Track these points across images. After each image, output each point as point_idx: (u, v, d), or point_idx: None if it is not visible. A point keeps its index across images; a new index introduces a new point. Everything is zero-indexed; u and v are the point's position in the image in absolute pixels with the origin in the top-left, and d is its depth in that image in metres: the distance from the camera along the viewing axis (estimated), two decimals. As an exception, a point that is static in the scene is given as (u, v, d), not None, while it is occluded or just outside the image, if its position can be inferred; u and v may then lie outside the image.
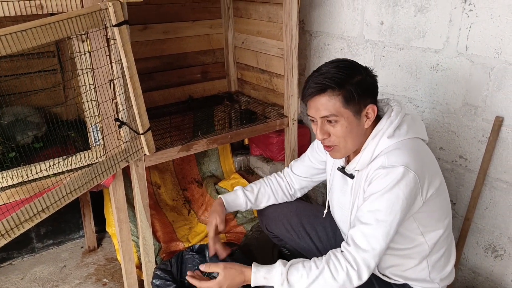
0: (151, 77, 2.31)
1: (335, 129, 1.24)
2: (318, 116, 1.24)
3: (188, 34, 2.38)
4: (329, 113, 1.21)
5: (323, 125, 1.25)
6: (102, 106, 1.51)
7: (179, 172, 2.50)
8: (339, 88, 1.19)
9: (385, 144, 1.24)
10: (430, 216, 1.28)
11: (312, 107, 1.25)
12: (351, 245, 1.20)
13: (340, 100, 1.20)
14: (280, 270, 1.22)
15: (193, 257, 1.91)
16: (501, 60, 1.55)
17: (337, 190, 1.45)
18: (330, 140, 1.26)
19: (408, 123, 1.28)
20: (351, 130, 1.23)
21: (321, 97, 1.21)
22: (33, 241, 2.26)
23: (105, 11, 1.39)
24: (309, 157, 1.61)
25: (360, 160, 1.28)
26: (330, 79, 1.20)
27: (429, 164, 1.26)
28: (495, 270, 1.76)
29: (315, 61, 2.38)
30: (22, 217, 1.27)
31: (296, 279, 1.20)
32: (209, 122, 2.31)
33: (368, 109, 1.24)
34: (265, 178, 1.68)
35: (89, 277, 2.12)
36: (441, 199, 1.30)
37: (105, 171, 1.53)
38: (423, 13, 1.77)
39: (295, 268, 1.22)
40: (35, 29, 1.19)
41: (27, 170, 1.39)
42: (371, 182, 1.22)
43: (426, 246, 1.30)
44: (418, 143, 1.28)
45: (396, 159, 1.19)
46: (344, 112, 1.21)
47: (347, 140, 1.25)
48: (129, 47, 1.46)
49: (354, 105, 1.21)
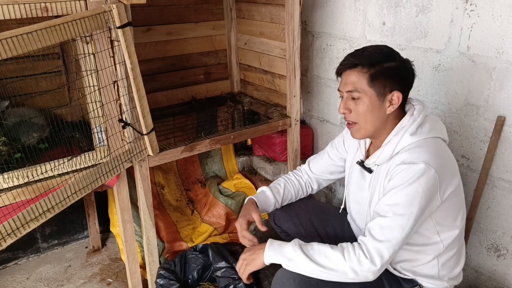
0: (155, 78, 2.32)
1: (356, 106, 1.27)
2: (344, 90, 1.29)
3: (191, 36, 2.39)
4: (353, 88, 1.26)
5: (347, 100, 1.29)
6: (106, 107, 1.52)
7: (182, 172, 2.51)
8: (368, 67, 1.24)
9: (407, 141, 1.26)
10: (447, 215, 1.30)
11: (342, 82, 1.31)
12: (367, 236, 1.22)
13: (366, 78, 1.24)
14: (295, 240, 1.27)
15: (196, 256, 1.92)
16: (503, 60, 1.55)
17: (354, 186, 1.47)
18: (351, 116, 1.30)
19: (430, 122, 1.30)
20: (372, 111, 1.26)
21: (351, 72, 1.26)
22: (38, 241, 2.28)
23: (109, 13, 1.40)
24: (329, 154, 1.62)
25: (381, 155, 1.30)
26: (364, 57, 1.25)
27: (449, 164, 1.28)
28: (497, 270, 1.76)
29: (317, 61, 2.39)
30: (27, 217, 1.29)
31: (308, 247, 1.24)
32: (212, 123, 2.33)
33: (393, 95, 1.26)
34: (286, 178, 1.66)
35: (93, 277, 2.14)
36: (458, 199, 1.32)
37: (109, 171, 1.54)
38: (424, 13, 1.77)
39: (309, 244, 1.26)
40: (40, 31, 1.20)
41: (33, 170, 1.41)
42: (392, 178, 1.24)
43: (441, 245, 1.32)
44: (439, 142, 1.30)
45: (418, 156, 1.21)
46: (368, 90, 1.25)
47: (366, 119, 1.27)
48: (132, 49, 1.47)
49: (379, 87, 1.24)
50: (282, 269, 1.30)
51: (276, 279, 1.31)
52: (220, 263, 1.83)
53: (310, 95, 2.51)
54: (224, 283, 1.77)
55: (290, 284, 1.25)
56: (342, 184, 2.44)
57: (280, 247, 1.27)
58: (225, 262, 1.83)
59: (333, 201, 2.52)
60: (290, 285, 1.25)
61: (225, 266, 1.82)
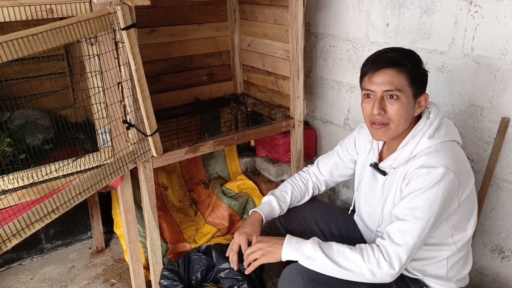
0: (159, 79, 2.33)
1: (393, 106, 1.25)
2: (381, 89, 1.24)
3: (195, 37, 2.40)
4: (394, 87, 1.23)
5: (382, 100, 1.25)
6: (110, 108, 1.53)
7: (186, 173, 2.52)
8: (411, 66, 1.23)
9: (425, 144, 1.26)
10: (461, 218, 1.30)
11: (374, 81, 1.25)
12: (386, 239, 1.22)
13: (407, 78, 1.23)
14: (314, 238, 1.27)
15: (200, 257, 1.93)
16: (507, 61, 1.55)
17: (365, 187, 1.47)
18: (385, 116, 1.26)
19: (446, 125, 1.31)
20: (407, 112, 1.25)
21: (392, 70, 1.23)
22: (42, 242, 2.28)
23: (113, 14, 1.41)
24: (339, 155, 1.61)
25: (398, 158, 1.30)
26: (404, 57, 1.24)
27: (465, 167, 1.29)
28: (502, 271, 1.76)
29: (321, 63, 2.39)
30: (32, 218, 1.30)
31: (327, 247, 1.24)
32: (216, 124, 2.33)
33: (422, 97, 1.27)
34: (293, 184, 1.63)
35: (97, 278, 2.14)
36: (472, 202, 1.33)
37: (113, 172, 1.55)
38: (428, 14, 1.77)
39: (327, 243, 1.26)
40: (45, 33, 1.21)
41: (37, 171, 1.41)
42: (410, 181, 1.24)
43: (454, 246, 1.32)
44: (455, 146, 1.30)
45: (437, 159, 1.21)
46: (407, 91, 1.24)
47: (401, 120, 1.26)
48: (137, 50, 1.48)
49: (417, 88, 1.25)
50: (290, 266, 1.30)
51: (284, 276, 1.30)
52: (224, 264, 1.83)
53: (314, 96, 2.51)
54: (227, 284, 1.77)
55: (298, 281, 1.25)
56: (345, 185, 2.44)
57: (298, 244, 1.27)
58: (228, 263, 1.83)
59: (336, 202, 2.52)
60: (298, 282, 1.25)
61: (229, 267, 1.82)
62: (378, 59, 1.26)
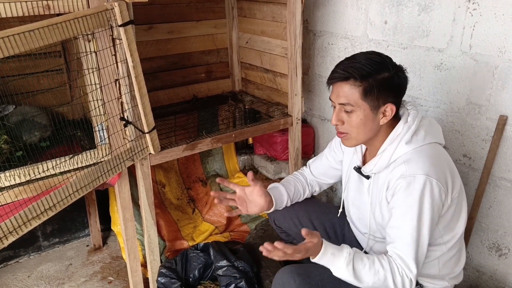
0: (156, 76, 2.32)
1: (350, 118, 1.26)
2: (336, 102, 1.27)
3: (193, 34, 2.39)
4: (347, 101, 1.24)
5: (340, 112, 1.27)
6: (107, 105, 1.52)
7: (183, 171, 2.51)
8: (361, 80, 1.21)
9: (403, 150, 1.25)
10: (451, 219, 1.30)
11: (333, 92, 1.28)
12: (398, 259, 1.22)
13: (359, 92, 1.22)
14: (348, 251, 1.23)
15: (197, 255, 1.92)
16: (505, 59, 1.55)
17: (353, 189, 1.47)
18: (343, 127, 1.28)
19: (425, 128, 1.29)
20: (365, 123, 1.25)
21: (343, 84, 1.24)
22: (39, 240, 2.28)
23: (111, 11, 1.40)
24: (327, 157, 1.62)
25: (378, 164, 1.30)
26: (356, 69, 1.22)
27: (449, 168, 1.27)
28: (499, 269, 1.76)
29: (319, 60, 2.39)
30: (29, 215, 1.29)
31: (360, 267, 1.22)
32: (214, 121, 2.32)
33: (386, 107, 1.24)
34: (295, 177, 1.64)
35: (94, 275, 2.14)
36: (461, 200, 1.33)
37: (110, 169, 1.54)
38: (427, 12, 1.77)
39: (359, 256, 1.24)
40: (42, 29, 1.20)
41: (34, 168, 1.41)
42: (394, 194, 1.24)
43: (444, 247, 1.32)
44: (436, 147, 1.29)
45: (416, 167, 1.21)
46: (362, 104, 1.23)
47: (359, 131, 1.27)
48: (134, 47, 1.47)
49: (373, 100, 1.23)
50: (282, 270, 1.29)
51: (277, 279, 1.30)
52: (221, 262, 1.83)
53: (312, 94, 2.51)
54: (225, 282, 1.77)
55: (291, 284, 1.25)
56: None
57: (333, 257, 1.23)
58: (226, 261, 1.83)
59: (334, 200, 2.52)
60: (291, 285, 1.25)
61: (226, 265, 1.82)
62: (334, 70, 1.27)
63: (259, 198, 1.48)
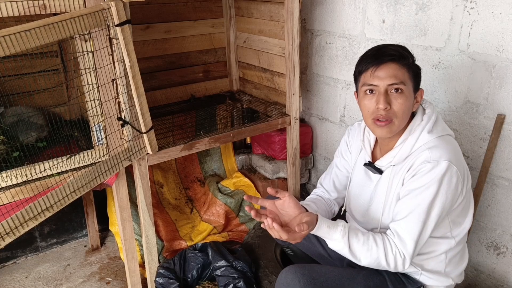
0: (154, 76, 2.32)
1: (397, 100, 1.23)
2: (385, 83, 1.23)
3: (190, 34, 2.39)
4: (399, 80, 1.22)
5: (387, 95, 1.24)
6: (105, 105, 1.52)
7: (181, 171, 2.51)
8: (407, 60, 1.24)
9: (425, 139, 1.26)
10: (460, 213, 1.31)
11: (378, 75, 1.24)
12: (396, 237, 1.23)
13: (408, 71, 1.24)
14: (343, 224, 1.25)
15: (196, 255, 1.92)
16: (503, 58, 1.55)
17: (357, 187, 1.47)
18: (390, 111, 1.24)
19: (441, 120, 1.32)
20: (409, 106, 1.26)
21: (395, 64, 1.23)
22: (37, 240, 2.27)
23: (107, 10, 1.39)
24: (337, 167, 1.58)
25: (398, 155, 1.29)
26: (399, 52, 1.24)
27: (464, 162, 1.29)
28: (497, 268, 1.76)
29: (317, 59, 2.38)
30: (26, 216, 1.28)
31: (355, 241, 1.23)
32: (211, 121, 2.32)
33: (418, 92, 1.29)
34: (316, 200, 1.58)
35: (92, 276, 2.13)
36: (469, 197, 1.34)
37: (108, 170, 1.54)
38: (424, 11, 1.77)
39: (354, 231, 1.25)
40: (38, 29, 1.20)
41: (31, 169, 1.40)
42: (415, 175, 1.24)
43: (452, 241, 1.33)
44: (453, 140, 1.31)
45: (440, 154, 1.21)
46: (410, 84, 1.25)
47: (403, 115, 1.25)
48: (131, 47, 1.46)
49: (416, 82, 1.27)
50: (286, 270, 1.28)
51: (281, 279, 1.29)
52: (220, 262, 1.83)
53: (310, 93, 2.50)
54: (223, 282, 1.77)
55: (295, 285, 1.24)
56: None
57: (329, 229, 1.24)
58: (224, 261, 1.83)
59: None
60: (295, 285, 1.24)
61: (225, 265, 1.81)
62: (379, 53, 1.26)
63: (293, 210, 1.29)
